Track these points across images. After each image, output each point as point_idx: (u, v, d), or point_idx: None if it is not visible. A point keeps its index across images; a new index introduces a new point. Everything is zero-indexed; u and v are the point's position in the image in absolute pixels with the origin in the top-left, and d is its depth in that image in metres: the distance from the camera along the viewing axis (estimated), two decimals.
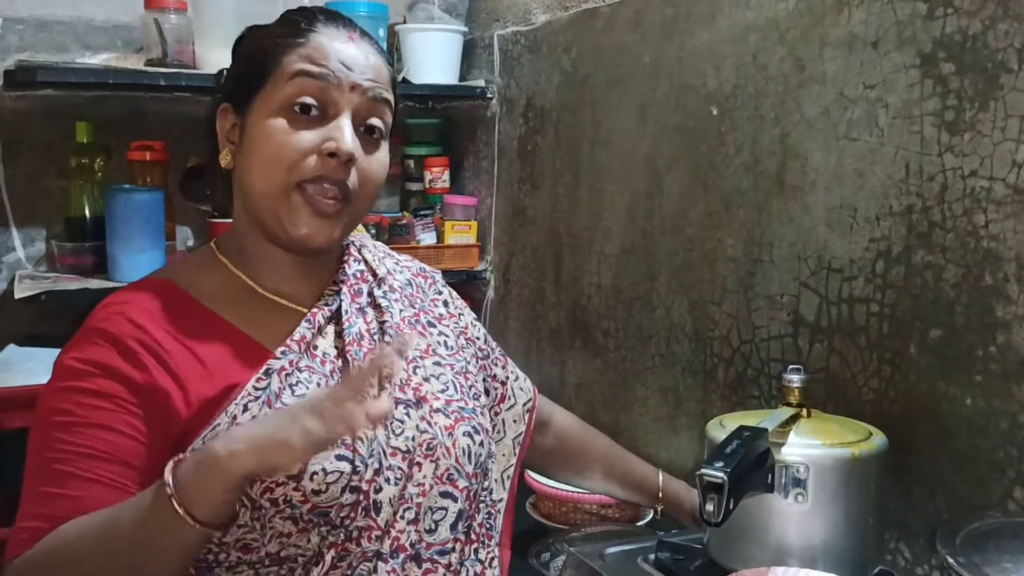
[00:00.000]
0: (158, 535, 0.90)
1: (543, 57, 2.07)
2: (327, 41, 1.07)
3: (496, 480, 1.27)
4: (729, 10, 1.54)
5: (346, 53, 1.07)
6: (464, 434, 1.12)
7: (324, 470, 0.98)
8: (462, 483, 1.10)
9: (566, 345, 2.02)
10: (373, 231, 2.24)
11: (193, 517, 0.88)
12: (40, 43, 2.12)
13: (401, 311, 1.17)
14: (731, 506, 0.99)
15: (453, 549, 1.09)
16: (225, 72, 1.16)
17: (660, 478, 1.48)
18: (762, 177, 1.48)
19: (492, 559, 1.18)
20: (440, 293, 1.30)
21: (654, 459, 1.73)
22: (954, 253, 1.19)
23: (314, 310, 1.10)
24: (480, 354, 1.30)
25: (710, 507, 0.98)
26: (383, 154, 1.10)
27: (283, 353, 1.05)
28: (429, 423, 1.10)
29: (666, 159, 1.69)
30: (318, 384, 1.05)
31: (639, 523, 1.65)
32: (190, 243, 2.26)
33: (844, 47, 1.33)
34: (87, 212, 2.08)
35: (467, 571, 1.12)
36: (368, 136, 1.08)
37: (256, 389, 1.02)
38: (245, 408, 1.01)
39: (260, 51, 1.08)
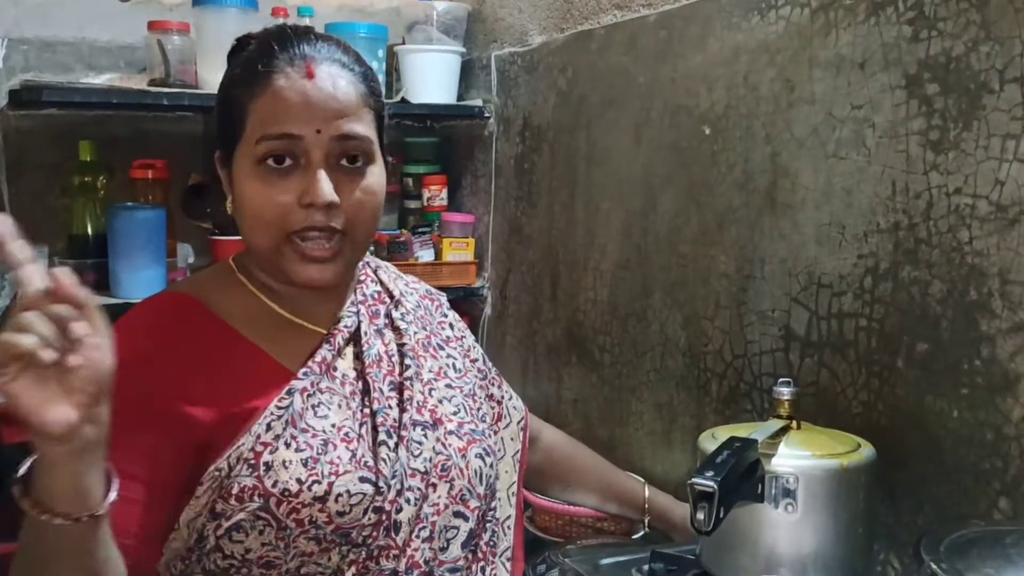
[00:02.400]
0: (34, 542, 0.86)
1: (539, 77, 2.10)
2: (286, 84, 1.03)
3: (502, 498, 1.30)
4: (721, 32, 1.57)
5: (308, 94, 1.02)
6: (476, 456, 1.17)
7: (348, 492, 1.02)
8: (473, 503, 1.15)
9: (563, 361, 2.04)
10: (371, 248, 2.27)
11: (37, 505, 0.83)
12: (44, 63, 2.15)
13: (416, 333, 1.20)
14: (721, 515, 1.02)
15: (463, 567, 1.13)
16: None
17: (647, 491, 1.51)
18: (753, 195, 1.51)
19: (495, 574, 1.22)
20: (446, 316, 1.32)
21: (649, 473, 1.76)
22: (940, 269, 1.22)
23: (334, 331, 1.12)
24: (479, 375, 1.32)
25: (701, 515, 1.01)
26: (373, 179, 1.08)
27: (305, 374, 1.07)
28: (444, 444, 1.13)
29: (660, 177, 1.73)
30: (339, 405, 1.07)
31: (635, 536, 1.67)
32: (191, 260, 2.28)
33: (832, 68, 1.36)
34: (89, 230, 2.11)
35: None
36: (351, 166, 1.06)
37: (278, 408, 1.04)
38: (268, 427, 1.02)
39: (229, 102, 1.06)
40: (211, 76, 2.06)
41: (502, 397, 1.37)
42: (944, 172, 1.21)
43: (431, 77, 2.32)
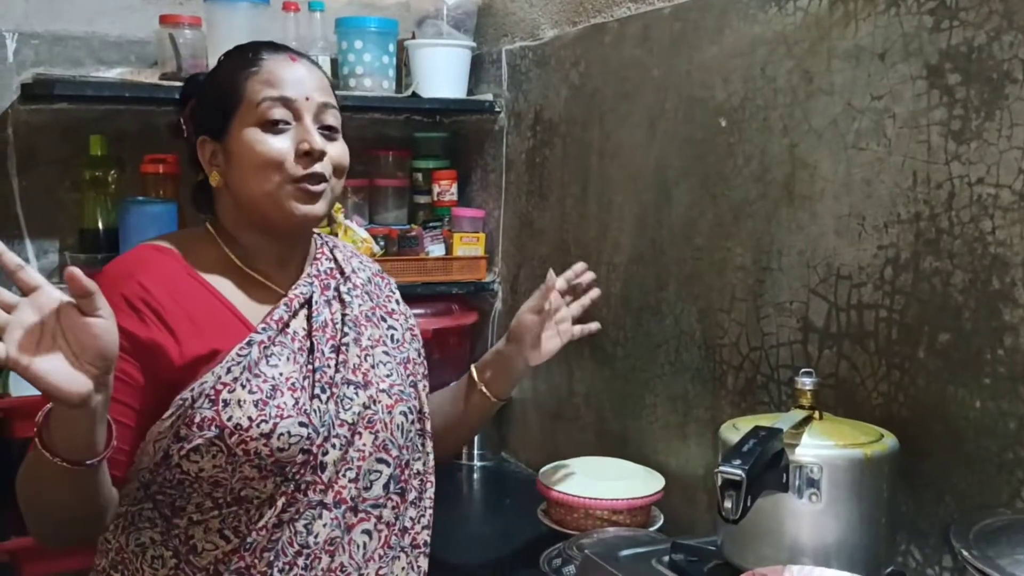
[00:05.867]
0: (38, 469, 1.05)
1: (551, 71, 2.10)
2: (276, 66, 1.27)
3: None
4: (737, 24, 1.57)
5: (294, 73, 1.27)
6: (400, 413, 1.33)
7: (289, 432, 1.19)
8: (394, 452, 1.31)
9: (574, 355, 2.04)
10: (383, 242, 2.27)
11: (51, 452, 1.01)
12: (55, 58, 2.14)
13: (360, 305, 1.37)
14: (748, 503, 1.02)
15: (385, 505, 1.30)
16: (184, 122, 1.34)
17: (471, 368, 1.54)
18: (771, 187, 1.51)
19: (421, 516, 1.36)
20: (393, 293, 1.48)
21: (663, 466, 1.76)
22: (962, 259, 1.22)
23: (291, 296, 1.28)
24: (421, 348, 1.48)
25: (728, 504, 1.01)
26: (343, 144, 1.31)
27: (263, 329, 1.23)
28: (374, 401, 1.30)
29: (675, 170, 1.72)
30: (288, 359, 1.24)
31: (650, 528, 1.67)
32: None
33: (851, 59, 1.36)
34: (100, 224, 2.11)
35: (399, 524, 1.32)
36: (327, 132, 1.28)
37: (239, 355, 1.20)
38: (228, 370, 1.19)
39: (223, 87, 1.27)
40: None
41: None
42: (966, 162, 1.21)
43: (441, 72, 2.31)
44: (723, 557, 1.23)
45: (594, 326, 1.58)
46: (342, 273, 1.38)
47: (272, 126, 1.24)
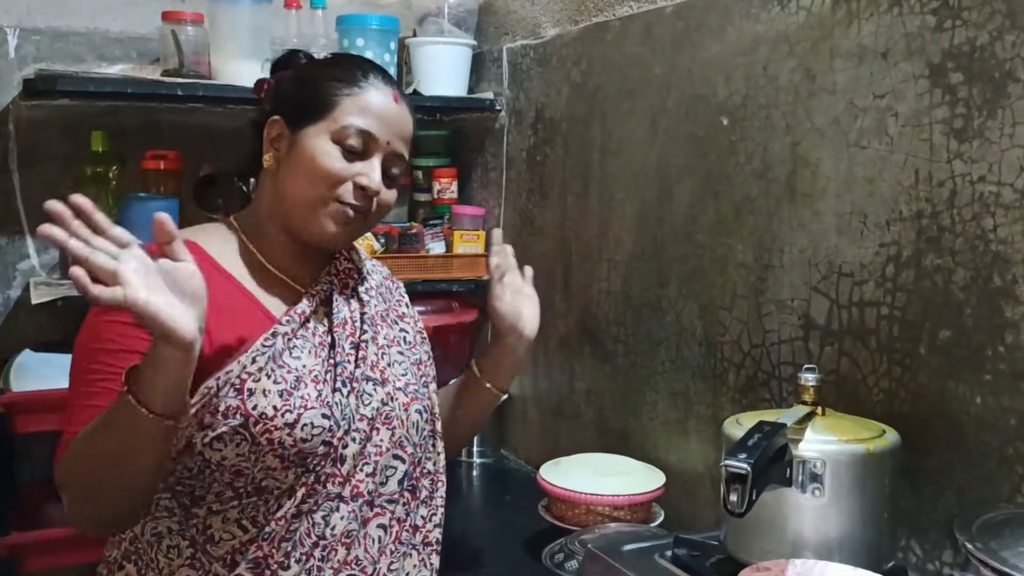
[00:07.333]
0: (123, 430, 1.07)
1: (552, 70, 2.11)
2: (375, 97, 1.28)
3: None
4: (739, 23, 1.58)
5: (389, 113, 1.29)
6: (416, 411, 1.36)
7: (312, 423, 1.21)
8: (410, 449, 1.34)
9: (575, 352, 2.05)
10: (383, 240, 2.28)
11: (147, 407, 1.04)
12: (56, 54, 2.15)
13: (376, 306, 1.40)
14: (754, 497, 1.03)
15: (399, 501, 1.33)
16: (269, 85, 1.35)
17: (472, 365, 1.50)
18: (773, 184, 1.52)
19: (432, 515, 1.38)
20: (402, 298, 1.51)
21: (664, 462, 1.77)
22: (963, 256, 1.23)
23: (312, 292, 1.32)
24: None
25: (734, 497, 1.02)
26: (395, 194, 1.34)
27: (287, 321, 1.26)
28: (391, 398, 1.33)
29: (677, 168, 1.73)
30: (310, 352, 1.27)
31: (651, 524, 1.68)
32: None
33: (854, 58, 1.37)
34: None
35: (410, 520, 1.35)
36: (388, 176, 1.32)
37: (264, 346, 1.22)
38: (254, 360, 1.21)
39: (321, 89, 1.29)
40: (225, 67, 2.06)
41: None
42: (968, 160, 1.22)
43: (442, 70, 2.32)
44: (726, 551, 1.24)
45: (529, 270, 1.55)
46: (359, 274, 1.40)
47: (346, 148, 1.27)
